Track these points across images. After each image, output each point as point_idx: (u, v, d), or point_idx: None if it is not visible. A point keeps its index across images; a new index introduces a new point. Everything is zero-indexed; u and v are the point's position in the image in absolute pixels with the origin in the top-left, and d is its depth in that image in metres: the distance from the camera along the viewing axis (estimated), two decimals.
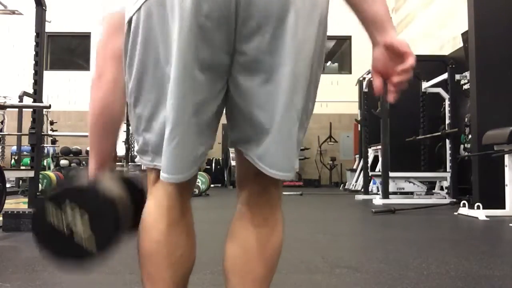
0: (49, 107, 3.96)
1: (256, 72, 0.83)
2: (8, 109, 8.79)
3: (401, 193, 6.76)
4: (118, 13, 0.97)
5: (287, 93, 0.83)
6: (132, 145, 9.97)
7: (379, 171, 7.31)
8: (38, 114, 4.07)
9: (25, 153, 10.25)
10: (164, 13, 0.80)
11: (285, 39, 0.81)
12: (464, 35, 6.70)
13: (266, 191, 0.96)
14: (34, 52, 4.07)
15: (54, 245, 0.94)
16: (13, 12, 4.44)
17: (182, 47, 0.78)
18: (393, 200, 6.21)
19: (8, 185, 8.72)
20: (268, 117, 0.83)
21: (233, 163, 10.28)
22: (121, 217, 0.93)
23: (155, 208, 0.94)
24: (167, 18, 0.80)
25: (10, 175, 7.46)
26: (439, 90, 6.94)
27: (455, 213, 4.81)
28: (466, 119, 6.52)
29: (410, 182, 6.77)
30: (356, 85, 10.01)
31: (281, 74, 0.82)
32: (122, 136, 9.68)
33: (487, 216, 4.32)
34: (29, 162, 8.12)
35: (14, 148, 10.59)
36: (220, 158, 12.07)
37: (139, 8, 0.83)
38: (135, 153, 0.98)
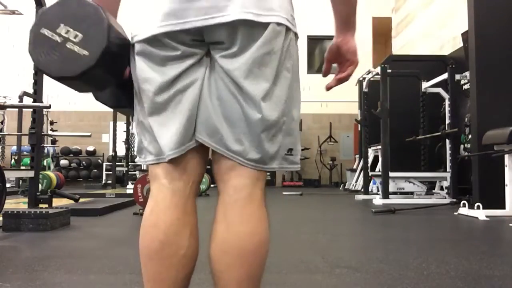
0: (49, 107, 3.96)
1: None
2: (8, 109, 8.80)
3: (401, 193, 6.76)
4: None
5: None
6: (132, 145, 9.97)
7: (379, 171, 7.31)
8: (38, 114, 4.07)
9: (25, 153, 10.25)
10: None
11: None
12: (464, 35, 6.70)
13: (245, 186, 0.94)
14: None
15: (49, 50, 0.90)
16: (13, 12, 4.44)
17: None
18: (393, 200, 6.20)
19: (8, 185, 8.72)
20: None
21: None
22: (113, 27, 0.91)
23: (158, 206, 0.95)
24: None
25: (10, 175, 7.47)
26: (439, 90, 6.94)
27: (455, 213, 4.81)
28: (466, 119, 6.52)
29: (410, 182, 6.77)
30: (356, 85, 10.01)
31: None
32: (122, 136, 9.69)
33: (487, 216, 4.31)
34: (29, 162, 8.13)
35: (14, 148, 10.59)
36: None
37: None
38: (135, 154, 0.99)
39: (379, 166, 7.76)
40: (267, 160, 0.93)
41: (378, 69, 6.90)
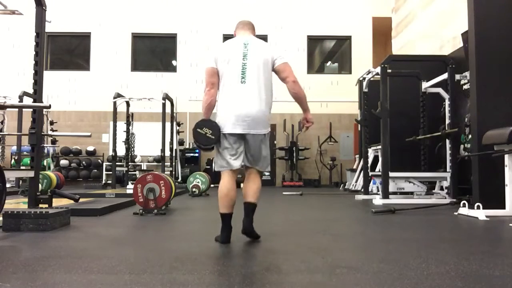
0: (49, 107, 3.96)
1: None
2: (8, 109, 8.79)
3: (401, 193, 6.75)
4: (211, 67, 2.96)
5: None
6: (132, 146, 9.96)
7: (379, 171, 7.31)
8: (38, 114, 4.07)
9: (25, 153, 10.25)
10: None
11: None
12: (464, 35, 6.70)
13: (257, 174, 3.07)
14: (34, 52, 4.07)
15: (203, 140, 2.92)
16: (13, 12, 4.43)
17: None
18: (393, 200, 6.21)
19: (8, 185, 8.72)
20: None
21: None
22: (218, 131, 2.92)
23: (224, 182, 2.95)
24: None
25: (10, 175, 7.47)
26: (439, 90, 6.94)
27: (455, 213, 4.81)
28: (466, 119, 6.51)
29: (410, 182, 6.77)
30: (356, 85, 10.02)
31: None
32: (122, 136, 9.68)
33: (487, 216, 4.31)
34: (29, 162, 8.13)
35: (14, 148, 10.58)
36: None
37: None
38: (215, 168, 3.15)
39: (379, 166, 7.76)
40: (265, 169, 3.09)
41: (378, 69, 6.89)
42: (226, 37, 13.16)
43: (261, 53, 2.98)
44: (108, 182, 11.50)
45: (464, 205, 4.72)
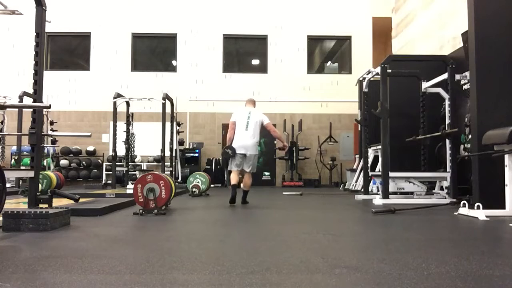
0: (49, 107, 3.95)
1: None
2: (8, 109, 8.78)
3: (401, 193, 6.76)
4: (232, 121, 6.22)
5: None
6: (132, 146, 9.96)
7: (379, 171, 7.31)
8: (38, 114, 4.07)
9: (25, 153, 10.25)
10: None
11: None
12: (464, 35, 6.70)
13: (249, 173, 6.21)
14: (34, 52, 4.07)
15: (227, 154, 6.10)
16: (13, 12, 4.43)
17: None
18: (393, 200, 6.21)
19: (8, 185, 8.72)
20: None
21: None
22: (234, 151, 6.10)
23: (233, 175, 6.13)
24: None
25: (10, 175, 7.46)
26: (439, 90, 6.94)
27: (455, 213, 4.81)
28: (466, 119, 6.51)
29: (410, 182, 6.77)
30: (356, 85, 10.01)
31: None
32: (122, 136, 9.68)
33: (487, 216, 4.31)
34: (29, 162, 8.11)
35: (14, 148, 10.59)
36: (220, 159, 12.08)
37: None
38: (228, 168, 6.39)
39: (379, 166, 7.75)
40: (253, 171, 6.22)
41: (378, 69, 6.89)
42: (226, 37, 13.21)
43: (256, 118, 6.10)
44: (108, 182, 11.50)
45: (464, 205, 4.72)
